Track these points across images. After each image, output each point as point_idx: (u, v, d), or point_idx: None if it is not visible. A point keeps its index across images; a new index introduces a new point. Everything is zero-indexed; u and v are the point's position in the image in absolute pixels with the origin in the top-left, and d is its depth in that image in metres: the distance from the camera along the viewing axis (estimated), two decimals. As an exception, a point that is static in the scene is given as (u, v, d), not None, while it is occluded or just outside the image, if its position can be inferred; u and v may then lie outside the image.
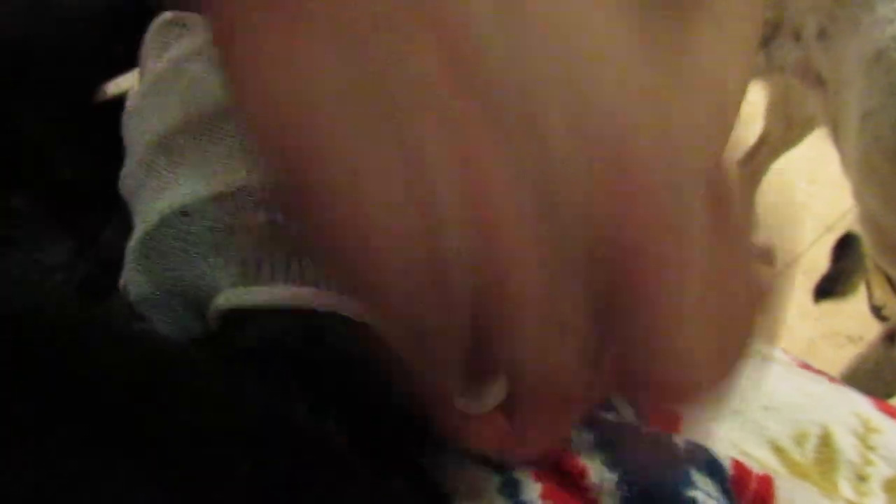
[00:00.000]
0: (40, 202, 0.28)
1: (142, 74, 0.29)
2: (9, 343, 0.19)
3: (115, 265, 0.28)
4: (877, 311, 1.41)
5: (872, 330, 1.20)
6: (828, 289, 1.30)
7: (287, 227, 0.23)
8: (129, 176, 0.27)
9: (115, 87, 0.33)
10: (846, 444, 0.38)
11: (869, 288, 1.46)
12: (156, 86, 0.27)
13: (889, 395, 1.12)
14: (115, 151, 0.31)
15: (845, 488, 0.36)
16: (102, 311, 0.27)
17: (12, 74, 0.30)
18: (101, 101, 0.32)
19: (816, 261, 1.39)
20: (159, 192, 0.25)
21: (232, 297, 0.24)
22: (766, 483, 0.30)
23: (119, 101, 0.34)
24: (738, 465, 0.30)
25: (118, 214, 0.29)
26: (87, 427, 0.18)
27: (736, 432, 0.36)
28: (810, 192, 1.59)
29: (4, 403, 0.18)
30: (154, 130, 0.25)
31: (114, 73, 0.33)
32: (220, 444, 0.19)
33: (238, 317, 0.24)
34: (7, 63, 0.30)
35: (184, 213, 0.23)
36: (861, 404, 0.41)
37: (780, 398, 0.38)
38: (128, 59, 0.34)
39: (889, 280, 1.42)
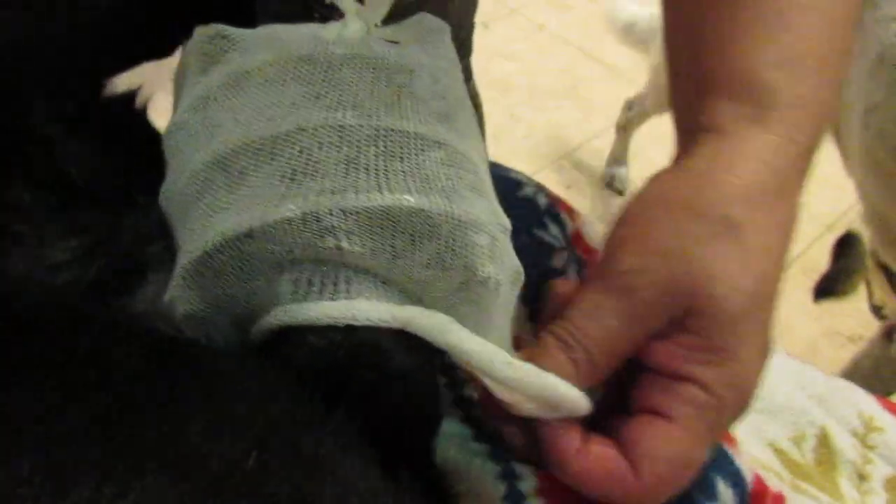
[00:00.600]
0: (47, 199, 0.28)
1: (180, 85, 0.29)
2: (9, 341, 0.19)
3: (129, 271, 0.28)
4: (877, 311, 1.41)
5: (872, 329, 1.20)
6: (828, 288, 1.30)
7: (353, 253, 0.23)
8: (177, 191, 0.26)
9: (122, 83, 0.33)
10: (845, 444, 0.38)
11: (869, 287, 1.46)
12: (207, 101, 0.26)
13: (888, 393, 1.12)
14: (121, 151, 0.31)
15: (847, 487, 0.36)
16: (110, 311, 0.27)
17: (20, 71, 0.30)
18: (108, 100, 0.32)
19: (816, 260, 1.39)
20: (216, 212, 0.25)
21: (282, 313, 0.24)
22: (779, 502, 0.30)
23: (126, 99, 0.33)
24: (759, 481, 0.30)
25: (128, 219, 0.29)
26: (91, 418, 0.18)
27: (737, 435, 0.36)
28: (810, 192, 1.58)
29: (5, 399, 0.18)
30: (209, 148, 0.25)
31: (119, 70, 0.33)
32: (230, 437, 0.19)
33: (285, 333, 0.24)
34: (15, 60, 0.30)
35: (248, 235, 0.23)
36: (865, 402, 0.41)
37: (779, 400, 0.38)
38: (132, 58, 0.33)
39: (889, 279, 1.42)
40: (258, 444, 0.19)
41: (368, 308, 0.23)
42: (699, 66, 0.31)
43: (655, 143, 1.62)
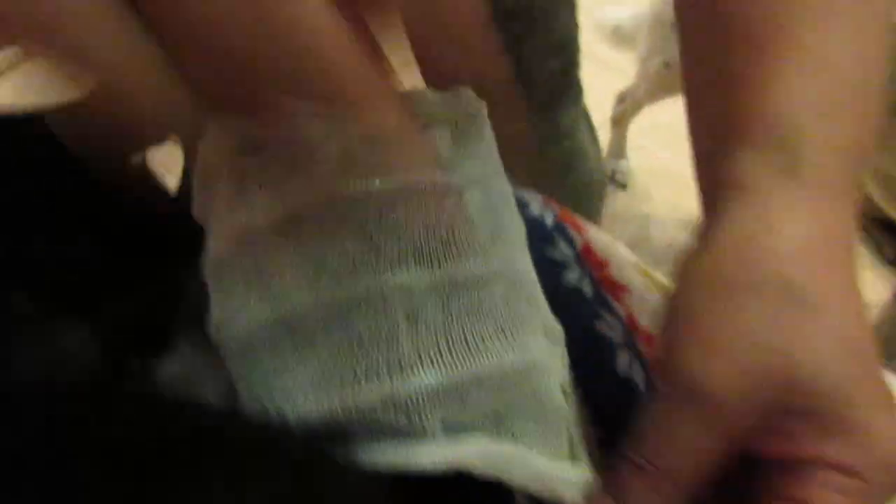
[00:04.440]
0: (41, 298, 0.27)
1: (206, 189, 0.26)
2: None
3: (145, 346, 0.28)
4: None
5: (880, 297, 1.21)
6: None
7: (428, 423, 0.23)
8: (234, 336, 0.25)
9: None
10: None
11: (879, 248, 1.47)
12: (255, 240, 0.25)
13: (892, 357, 1.13)
14: (114, 235, 0.30)
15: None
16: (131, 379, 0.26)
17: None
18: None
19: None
20: (283, 372, 0.24)
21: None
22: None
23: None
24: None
25: (134, 301, 0.29)
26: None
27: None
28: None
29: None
30: (268, 301, 0.25)
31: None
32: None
33: None
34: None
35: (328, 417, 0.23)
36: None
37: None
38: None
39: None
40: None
41: (424, 454, 0.23)
42: (723, 108, 0.28)
43: (652, 133, 1.64)
